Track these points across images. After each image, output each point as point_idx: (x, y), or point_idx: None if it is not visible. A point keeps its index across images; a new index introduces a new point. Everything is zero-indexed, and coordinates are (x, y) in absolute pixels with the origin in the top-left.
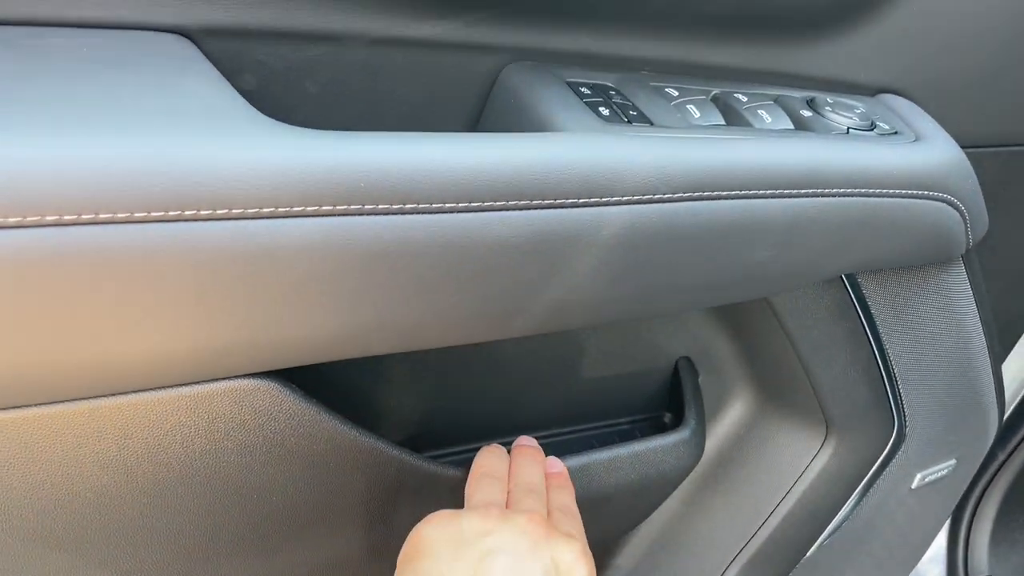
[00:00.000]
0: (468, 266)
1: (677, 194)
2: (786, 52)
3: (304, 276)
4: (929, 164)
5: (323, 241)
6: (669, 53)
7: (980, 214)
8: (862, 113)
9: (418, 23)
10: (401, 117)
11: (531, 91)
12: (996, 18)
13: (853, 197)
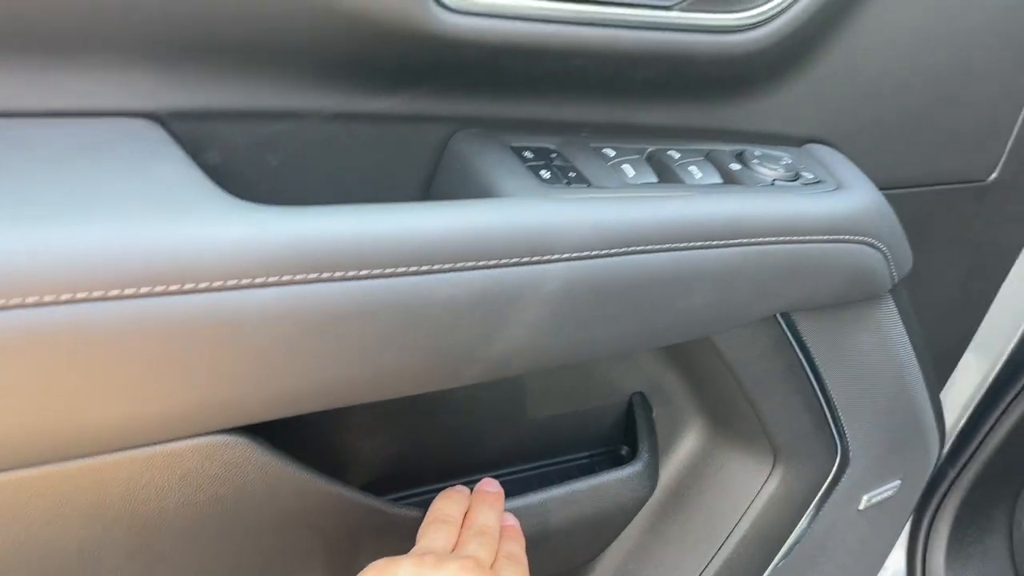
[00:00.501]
0: (420, 324)
1: (612, 250)
2: (716, 110)
3: (267, 341)
4: (849, 210)
5: (284, 308)
6: (606, 116)
7: (903, 252)
8: (788, 164)
9: (371, 98)
10: (359, 185)
11: (477, 157)
12: (909, 71)
13: (778, 245)
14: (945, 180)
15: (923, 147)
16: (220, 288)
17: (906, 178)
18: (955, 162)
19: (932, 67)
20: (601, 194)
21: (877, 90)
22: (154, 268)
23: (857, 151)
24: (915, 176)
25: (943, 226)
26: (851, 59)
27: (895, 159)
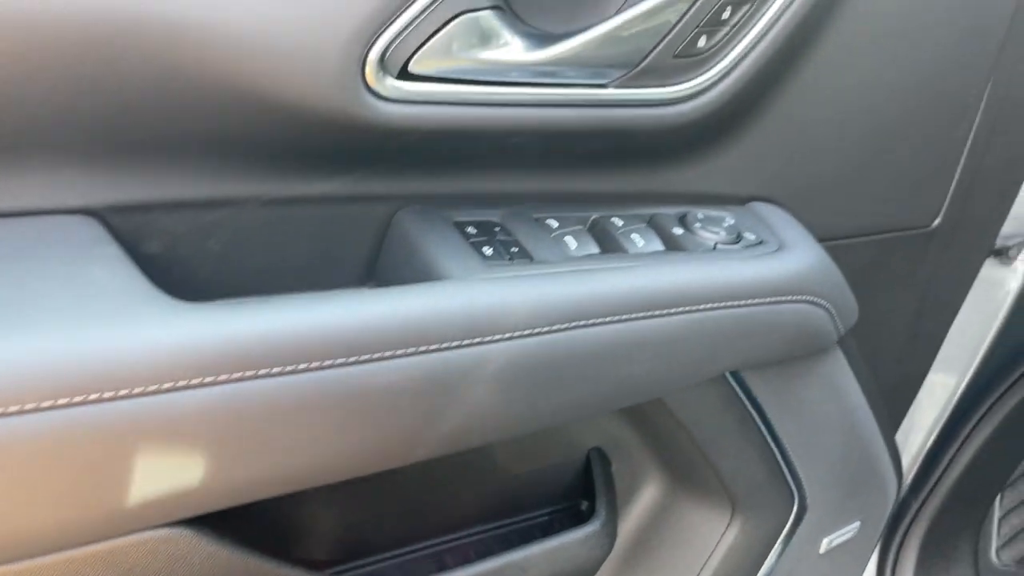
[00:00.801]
0: (360, 413)
1: (554, 326)
2: (659, 175)
3: (205, 439)
4: (790, 271)
5: (221, 407)
6: (549, 186)
7: (847, 306)
8: (730, 227)
9: (311, 182)
10: (304, 267)
11: (420, 236)
12: (847, 125)
13: (719, 310)
14: (889, 228)
15: (864, 198)
16: (155, 392)
17: (850, 229)
18: (898, 210)
19: (869, 120)
20: (543, 269)
21: (816, 145)
22: (88, 375)
23: (799, 206)
24: (858, 226)
25: (890, 272)
26: (789, 118)
27: (837, 211)
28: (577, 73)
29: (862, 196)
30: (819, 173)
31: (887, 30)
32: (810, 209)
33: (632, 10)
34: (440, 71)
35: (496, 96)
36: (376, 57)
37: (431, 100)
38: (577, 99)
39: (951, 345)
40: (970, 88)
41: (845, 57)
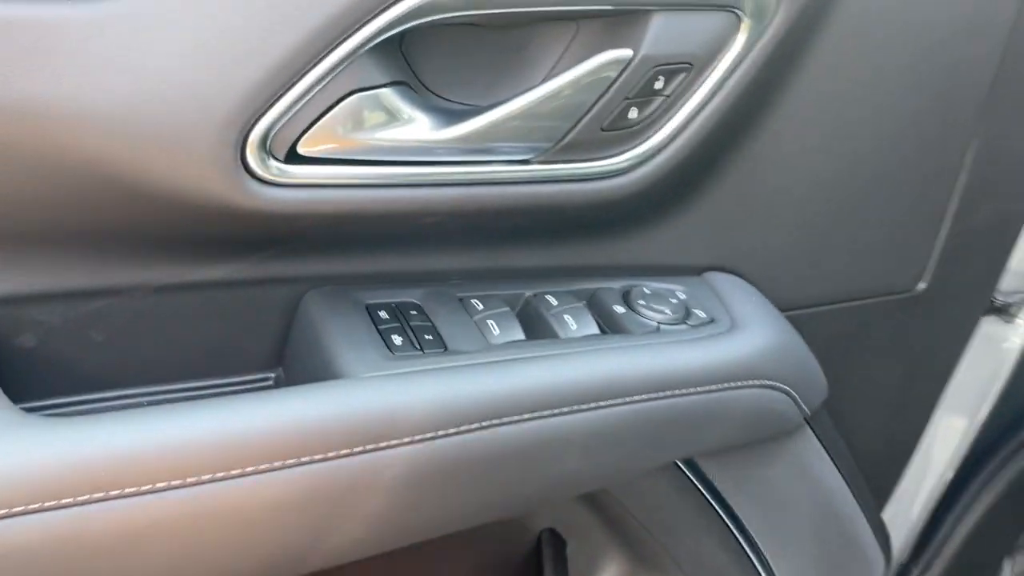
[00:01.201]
0: (240, 531)
1: (464, 427)
2: (599, 248)
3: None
4: (741, 353)
5: (70, 534)
6: (477, 263)
7: (812, 384)
8: (676, 304)
9: (204, 268)
10: (199, 357)
11: (324, 323)
12: (810, 189)
13: (658, 400)
14: (867, 294)
15: (835, 264)
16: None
17: (820, 296)
18: (875, 275)
19: (836, 183)
20: (456, 361)
21: (776, 212)
22: None
23: (761, 275)
24: (831, 293)
25: (873, 339)
26: (744, 185)
27: (805, 279)
28: (496, 149)
29: (832, 262)
30: (781, 241)
31: (852, 90)
32: (774, 278)
33: (553, 82)
34: (333, 152)
35: (398, 177)
36: (258, 139)
37: (323, 184)
38: (496, 177)
39: (947, 409)
40: (950, 146)
41: (805, 120)
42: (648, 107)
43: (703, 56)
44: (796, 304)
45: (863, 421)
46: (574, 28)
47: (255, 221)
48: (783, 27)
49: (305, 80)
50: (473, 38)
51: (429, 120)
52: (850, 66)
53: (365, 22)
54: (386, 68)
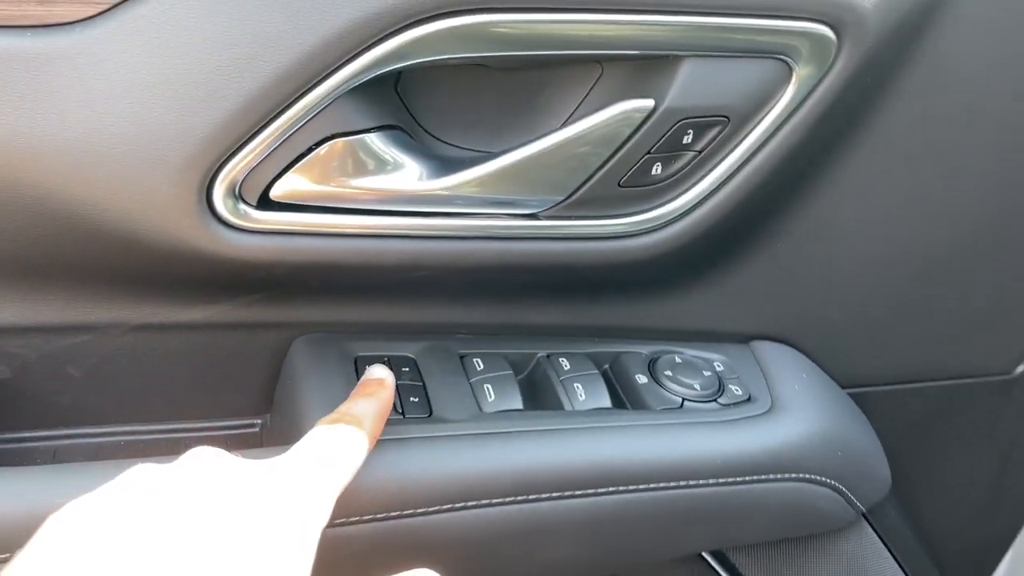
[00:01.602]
0: None
1: (430, 507)
2: (626, 308)
3: None
4: (777, 442)
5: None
6: (484, 317)
7: (872, 476)
8: (709, 378)
9: (182, 309)
10: (184, 399)
11: (307, 374)
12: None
13: (668, 491)
14: (955, 375)
15: (916, 338)
16: None
17: (898, 374)
18: (966, 354)
19: (915, 249)
20: (437, 430)
21: (842, 278)
22: None
23: (822, 347)
24: (911, 371)
25: (960, 424)
26: (802, 247)
27: (878, 354)
28: (499, 202)
29: (912, 337)
30: (848, 310)
31: (936, 143)
32: (837, 351)
33: (565, 131)
34: (310, 199)
35: (383, 228)
36: (226, 183)
37: (299, 231)
38: (498, 232)
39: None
40: None
41: (876, 178)
42: (675, 163)
43: (743, 109)
44: (866, 381)
45: (947, 515)
46: (597, 71)
47: (227, 267)
48: (845, 76)
49: (275, 124)
50: (481, 79)
51: (423, 167)
52: (933, 117)
53: (339, 65)
54: (373, 111)
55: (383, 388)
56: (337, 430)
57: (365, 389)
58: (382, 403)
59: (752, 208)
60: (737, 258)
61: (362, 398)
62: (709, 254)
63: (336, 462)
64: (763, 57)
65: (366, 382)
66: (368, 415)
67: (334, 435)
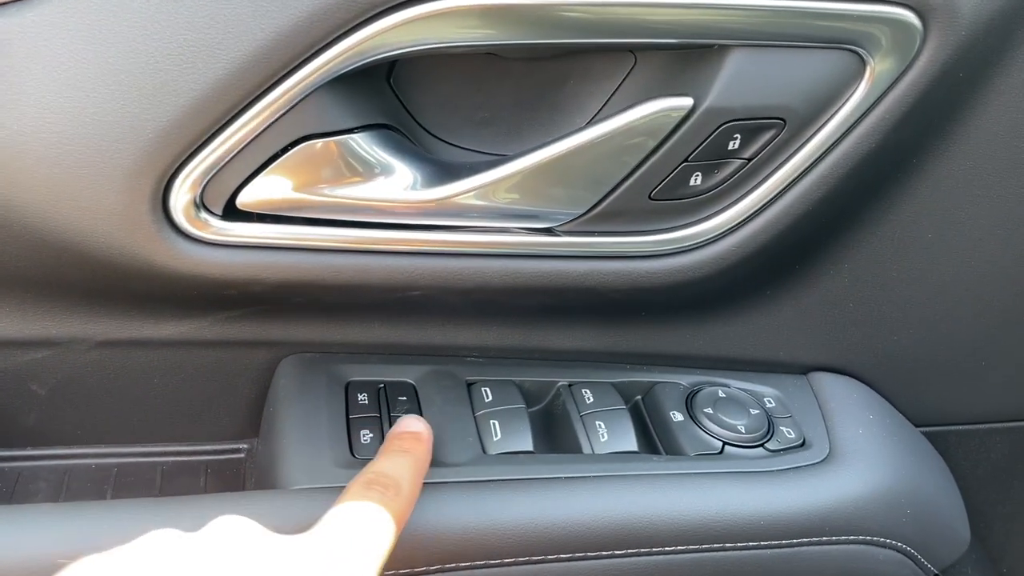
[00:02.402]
0: None
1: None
2: (662, 332)
3: None
4: (831, 500)
5: None
6: (497, 340)
7: (942, 537)
8: (757, 417)
9: (153, 325)
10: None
11: (292, 400)
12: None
13: (701, 553)
14: None
15: (1004, 375)
16: None
17: (986, 412)
18: None
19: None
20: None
21: (920, 305)
22: None
23: (895, 381)
24: (997, 410)
25: None
26: (875, 270)
27: (960, 390)
28: (509, 213)
29: (996, 373)
30: (926, 341)
31: None
32: (913, 387)
33: (587, 133)
34: (284, 208)
35: (370, 242)
36: (185, 191)
37: (272, 245)
38: (506, 248)
39: None
40: None
41: (965, 193)
42: (718, 173)
43: (803, 110)
44: (945, 420)
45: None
46: (630, 62)
47: (193, 283)
48: (932, 73)
49: (239, 121)
50: (494, 71)
51: (418, 173)
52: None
53: (312, 54)
54: (358, 108)
55: (419, 443)
56: (368, 508)
57: (400, 444)
58: (419, 461)
59: (813, 225)
60: (796, 279)
61: (397, 455)
62: (761, 276)
63: (367, 546)
64: (830, 47)
65: (400, 435)
66: (405, 477)
67: (365, 513)
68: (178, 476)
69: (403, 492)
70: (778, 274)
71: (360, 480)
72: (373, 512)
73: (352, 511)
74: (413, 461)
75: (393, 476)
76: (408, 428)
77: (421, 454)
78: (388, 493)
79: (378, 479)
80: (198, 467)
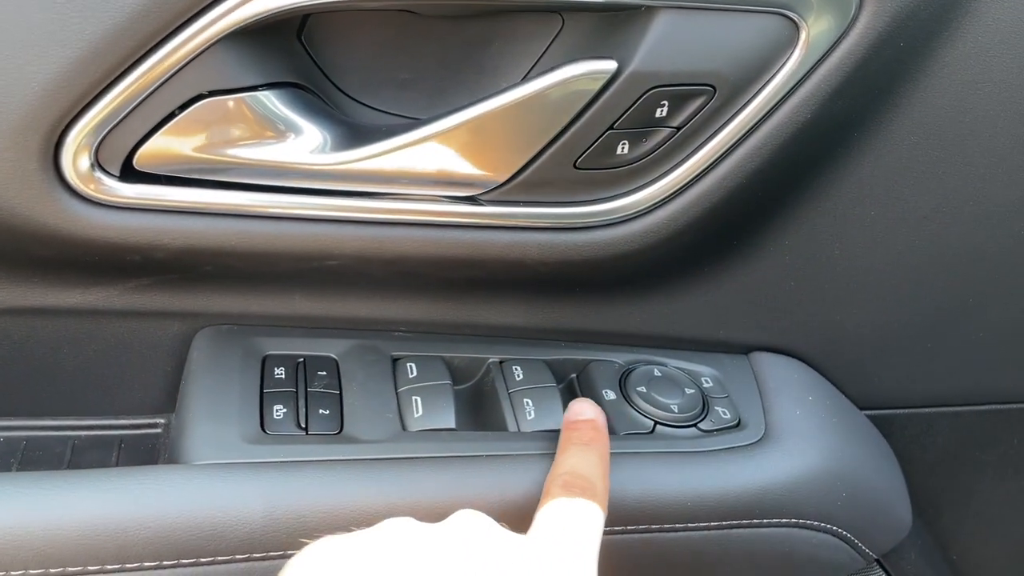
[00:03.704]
0: None
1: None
2: (599, 309)
3: None
4: (763, 481)
5: None
6: (426, 314)
7: (882, 522)
8: (691, 396)
9: (58, 292)
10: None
11: (204, 373)
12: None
13: (626, 535)
14: (996, 399)
15: (957, 356)
16: None
17: (934, 395)
18: (1010, 377)
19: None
20: (346, 452)
21: (865, 284)
22: None
23: (839, 363)
24: (944, 394)
25: (1003, 453)
26: (816, 247)
27: (910, 372)
28: (429, 180)
29: (942, 356)
30: (871, 322)
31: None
32: (857, 369)
33: (507, 95)
34: (183, 169)
35: (279, 207)
36: (77, 149)
37: (172, 208)
38: (425, 218)
39: None
40: None
41: (912, 168)
42: (646, 141)
43: (734, 77)
44: (891, 403)
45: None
46: (558, 24)
47: (92, 248)
48: (870, 38)
49: (133, 74)
50: (417, 30)
51: (331, 135)
52: (984, 97)
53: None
54: (265, 65)
55: (597, 432)
56: (579, 506)
57: (579, 437)
58: (604, 456)
59: (749, 199)
60: (734, 256)
61: (583, 451)
62: (696, 251)
63: (585, 548)
64: (762, 11)
65: (577, 425)
66: (597, 475)
67: (580, 513)
68: (89, 451)
69: (598, 491)
70: (715, 250)
71: (557, 483)
72: (583, 513)
73: (565, 513)
74: (599, 458)
75: (589, 478)
76: (582, 416)
77: (602, 446)
78: (586, 494)
79: (575, 481)
80: (112, 441)
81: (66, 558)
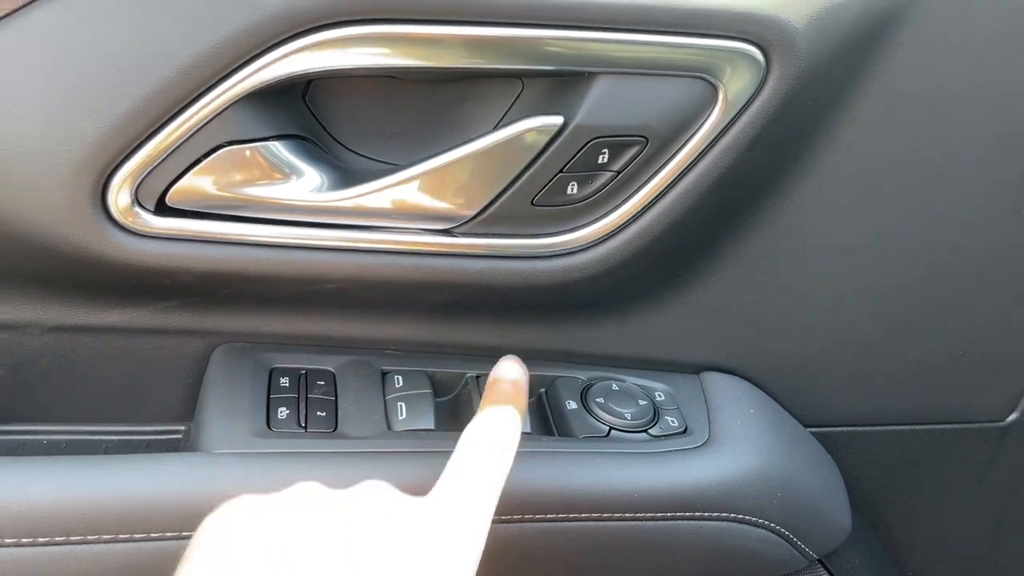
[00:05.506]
0: None
1: None
2: (562, 332)
3: None
4: (704, 479)
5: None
6: (411, 335)
7: (820, 523)
8: (643, 407)
9: (98, 312)
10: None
11: (219, 383)
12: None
13: (580, 522)
14: (937, 419)
15: (888, 381)
16: None
17: (874, 415)
18: (950, 399)
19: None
20: (339, 446)
21: (807, 311)
22: None
23: (783, 383)
24: (885, 414)
25: (947, 472)
26: (758, 274)
27: (850, 393)
28: (411, 215)
29: (881, 378)
30: (812, 346)
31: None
32: (800, 389)
33: (475, 144)
34: (206, 205)
35: (283, 238)
36: (123, 188)
37: (195, 238)
38: (407, 247)
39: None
40: None
41: (834, 207)
42: (592, 183)
43: (663, 130)
44: (834, 421)
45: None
46: (518, 87)
47: (130, 272)
48: (779, 99)
49: (168, 128)
50: (401, 92)
51: (327, 177)
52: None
53: (230, 72)
54: (275, 120)
55: (517, 391)
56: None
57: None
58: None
59: (688, 233)
60: (679, 284)
61: (498, 409)
62: (645, 279)
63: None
64: (683, 76)
65: (499, 384)
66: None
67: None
68: (119, 452)
69: (507, 445)
70: (661, 278)
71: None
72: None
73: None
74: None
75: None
76: (507, 376)
77: (521, 405)
78: (492, 453)
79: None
80: (139, 445)
81: (102, 527)
